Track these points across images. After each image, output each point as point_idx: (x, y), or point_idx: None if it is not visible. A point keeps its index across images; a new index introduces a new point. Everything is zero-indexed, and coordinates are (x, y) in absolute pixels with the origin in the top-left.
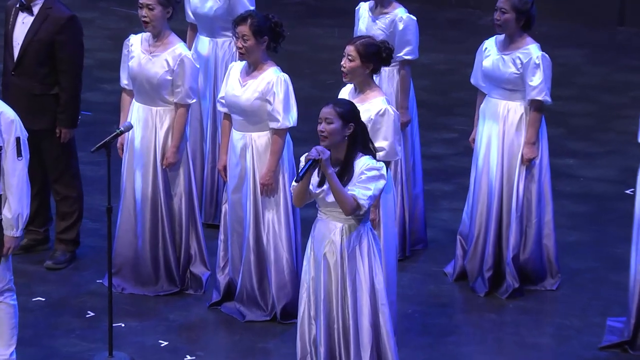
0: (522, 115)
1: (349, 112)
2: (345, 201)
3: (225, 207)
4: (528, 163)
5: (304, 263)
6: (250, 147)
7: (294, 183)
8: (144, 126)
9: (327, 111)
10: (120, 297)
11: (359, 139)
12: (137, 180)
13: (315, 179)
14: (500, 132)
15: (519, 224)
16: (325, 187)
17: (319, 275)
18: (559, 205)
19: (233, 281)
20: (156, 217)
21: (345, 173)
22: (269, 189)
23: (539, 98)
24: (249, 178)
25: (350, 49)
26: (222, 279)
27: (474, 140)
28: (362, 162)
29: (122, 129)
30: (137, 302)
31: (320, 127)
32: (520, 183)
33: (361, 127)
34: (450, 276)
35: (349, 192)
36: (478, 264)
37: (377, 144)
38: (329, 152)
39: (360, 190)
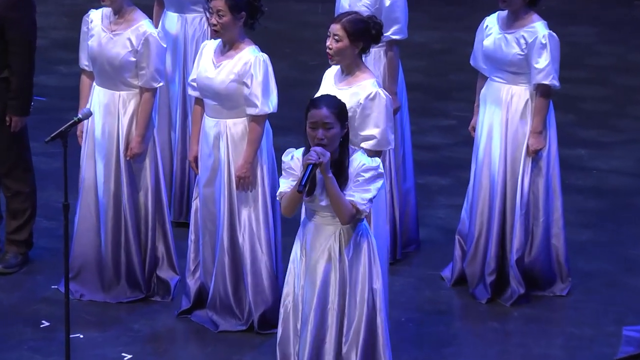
0: (527, 101)
1: (344, 111)
2: (343, 209)
3: (196, 203)
4: (534, 154)
5: (290, 268)
6: (224, 135)
7: (281, 190)
8: (106, 113)
9: (324, 115)
10: (78, 304)
11: (348, 135)
12: (97, 173)
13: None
14: (503, 119)
15: (525, 223)
16: (316, 192)
17: (313, 284)
18: (570, 201)
19: (205, 286)
20: (119, 215)
21: (341, 175)
22: (245, 182)
23: (546, 82)
24: (223, 170)
25: (336, 28)
26: (193, 284)
27: (474, 128)
28: (357, 161)
29: (80, 116)
30: (98, 310)
31: (319, 134)
32: (525, 177)
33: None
34: (447, 281)
35: (346, 197)
36: (479, 268)
37: (367, 132)
38: (329, 154)
39: (359, 194)
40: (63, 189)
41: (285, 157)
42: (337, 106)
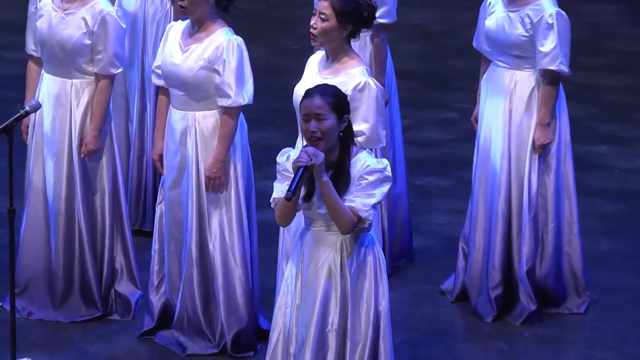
0: (533, 88)
1: (342, 101)
2: (342, 217)
3: (160, 208)
4: (541, 150)
5: (282, 286)
6: (193, 130)
7: (275, 195)
8: (56, 104)
9: (315, 104)
10: (26, 324)
11: (351, 131)
12: (47, 173)
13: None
14: (506, 109)
15: (534, 229)
16: (315, 197)
17: (313, 300)
18: (587, 204)
19: (170, 303)
20: (72, 221)
21: (340, 178)
22: (216, 183)
23: (552, 67)
24: (191, 170)
25: (323, 5)
26: (157, 300)
27: (476, 119)
28: (361, 163)
29: (27, 108)
30: (48, 331)
31: (311, 127)
32: (532, 176)
33: (350, 120)
34: (449, 295)
35: (346, 203)
36: (480, 280)
37: (354, 127)
38: (322, 155)
39: (361, 200)
40: (7, 192)
41: (280, 158)
42: (333, 95)
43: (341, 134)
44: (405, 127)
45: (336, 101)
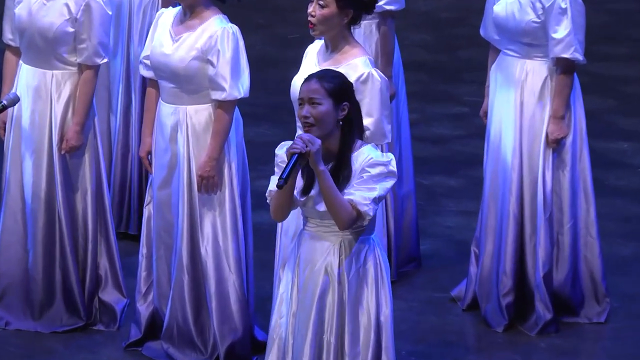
0: (545, 78)
1: (341, 87)
2: (340, 210)
3: (149, 210)
4: (555, 145)
5: (280, 292)
6: (184, 125)
7: (271, 188)
8: (35, 97)
9: (311, 88)
10: (3, 334)
11: (355, 122)
12: (25, 171)
13: (298, 181)
14: (517, 101)
15: (549, 230)
16: (313, 192)
17: (309, 309)
18: (608, 205)
19: (159, 312)
20: (52, 223)
21: (341, 171)
22: (209, 183)
23: (566, 55)
24: (182, 169)
25: None
26: (144, 309)
27: (486, 113)
28: (364, 156)
29: (4, 102)
30: (27, 342)
31: (303, 112)
32: (546, 173)
33: (356, 106)
34: (460, 303)
35: (345, 197)
36: (491, 287)
37: None
38: (319, 142)
39: (361, 193)
40: None
41: (279, 151)
42: (332, 80)
43: (340, 122)
44: (412, 122)
45: (334, 86)
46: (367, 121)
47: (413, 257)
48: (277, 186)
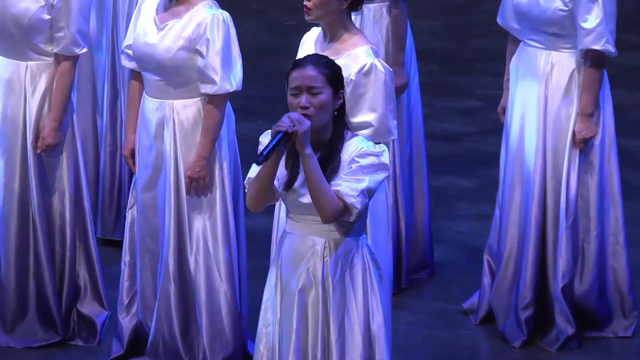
0: (572, 72)
1: (338, 74)
2: (325, 199)
3: (132, 213)
4: (582, 145)
5: (264, 301)
6: (170, 121)
7: (250, 175)
8: (8, 91)
9: (308, 75)
10: None
11: (344, 111)
12: None
13: (281, 171)
14: (541, 97)
15: (572, 238)
16: (297, 184)
17: (290, 317)
18: (635, 208)
19: (143, 326)
20: (26, 228)
21: (330, 162)
22: (199, 185)
23: (597, 47)
24: (169, 169)
25: None
26: (127, 322)
27: (504, 110)
28: (354, 146)
29: None
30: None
31: (303, 101)
32: (571, 175)
33: (344, 94)
34: (473, 317)
35: (332, 188)
36: (509, 298)
37: (360, 118)
38: (309, 123)
39: (348, 183)
40: None
41: (264, 138)
42: (329, 67)
43: (335, 112)
44: (423, 117)
45: (332, 73)
46: (370, 117)
47: (426, 263)
48: (256, 162)
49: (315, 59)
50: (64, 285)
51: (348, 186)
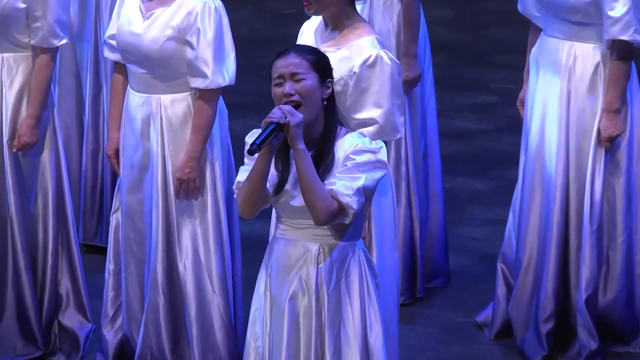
0: (597, 65)
1: (324, 60)
2: (318, 199)
3: (116, 218)
4: (608, 143)
5: (253, 309)
6: (158, 118)
7: (239, 179)
8: None
9: (291, 61)
10: None
11: (334, 104)
12: None
13: (270, 172)
14: (564, 92)
15: (597, 245)
16: (289, 186)
17: (281, 329)
18: None
19: (129, 340)
20: (3, 234)
21: (323, 160)
22: (189, 187)
23: (625, 37)
24: (156, 169)
25: None
26: (112, 335)
27: (523, 102)
28: (348, 143)
29: None
30: None
31: (287, 88)
32: (596, 177)
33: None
34: (487, 330)
35: (326, 186)
36: (529, 311)
37: (364, 114)
38: (301, 115)
39: (344, 182)
40: None
41: (250, 138)
42: (313, 53)
43: (325, 102)
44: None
45: (317, 59)
46: (375, 113)
47: (442, 271)
48: (248, 152)
49: (299, 47)
50: (44, 295)
51: (343, 185)
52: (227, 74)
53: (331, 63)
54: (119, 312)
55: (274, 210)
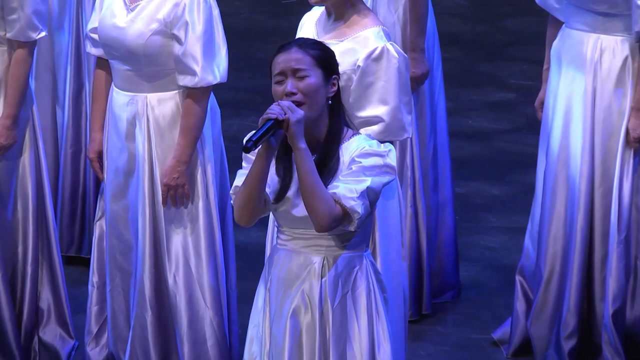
0: (626, 59)
1: (329, 55)
2: (320, 203)
3: (100, 226)
4: (638, 145)
5: (250, 327)
6: (144, 118)
7: (236, 184)
8: None
9: (293, 57)
10: None
11: (340, 103)
12: None
13: (271, 178)
14: (589, 89)
15: (625, 255)
16: (290, 193)
17: (282, 347)
18: None
19: (115, 358)
20: None
21: (327, 164)
22: (178, 193)
23: None
24: (143, 174)
25: None
26: (96, 354)
27: (542, 104)
28: (354, 145)
29: None
30: None
31: (288, 87)
32: (624, 181)
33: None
34: (504, 348)
35: (328, 190)
36: (551, 327)
37: (368, 112)
38: (302, 113)
39: (348, 185)
40: None
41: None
42: (317, 47)
43: (330, 101)
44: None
45: (321, 54)
46: (380, 110)
47: (451, 284)
48: (243, 149)
49: (301, 41)
50: (23, 309)
51: (347, 188)
52: (218, 70)
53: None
54: (104, 328)
55: (271, 217)
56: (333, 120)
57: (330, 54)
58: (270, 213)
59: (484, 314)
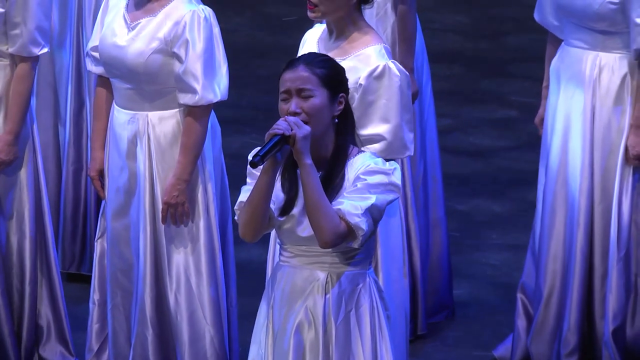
0: (624, 76)
1: (337, 73)
2: (325, 219)
3: (101, 244)
4: (637, 162)
5: (252, 345)
6: (145, 137)
7: (241, 199)
8: None
9: (299, 76)
10: None
11: (350, 121)
12: None
13: (276, 194)
14: (587, 107)
15: (625, 272)
16: (295, 210)
17: None
18: None
19: None
20: None
21: (332, 181)
22: (178, 212)
23: None
24: (144, 193)
25: None
26: None
27: (542, 121)
28: (360, 163)
29: None
30: None
31: (292, 107)
32: (623, 198)
33: (348, 102)
34: None
35: (333, 206)
36: (551, 344)
37: (370, 130)
38: (308, 129)
39: (352, 202)
40: None
41: (252, 156)
42: (324, 65)
43: (336, 120)
44: (444, 129)
45: (328, 72)
46: (382, 128)
47: (444, 304)
48: (250, 164)
49: (310, 58)
50: (23, 326)
51: (352, 204)
52: (219, 89)
53: None
54: (105, 346)
55: (272, 235)
56: (339, 138)
57: (338, 71)
58: (273, 230)
59: (485, 331)
